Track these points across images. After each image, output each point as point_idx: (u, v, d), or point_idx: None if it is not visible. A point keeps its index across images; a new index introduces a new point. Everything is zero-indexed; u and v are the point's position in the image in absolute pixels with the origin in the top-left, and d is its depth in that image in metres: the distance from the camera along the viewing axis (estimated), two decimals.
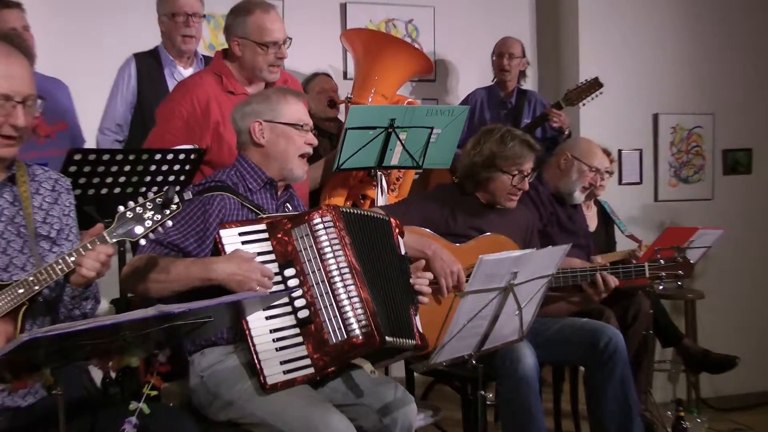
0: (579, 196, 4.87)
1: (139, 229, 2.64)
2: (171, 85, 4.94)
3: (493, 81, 6.28)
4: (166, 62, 5.07)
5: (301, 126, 3.43)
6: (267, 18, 4.03)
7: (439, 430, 4.90)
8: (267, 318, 3.07)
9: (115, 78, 5.11)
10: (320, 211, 3.19)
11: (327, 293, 3.09)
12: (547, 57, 7.06)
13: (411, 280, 3.41)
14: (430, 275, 3.55)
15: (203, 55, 5.20)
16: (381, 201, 4.57)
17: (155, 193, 2.68)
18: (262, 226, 3.19)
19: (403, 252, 3.48)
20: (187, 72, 5.03)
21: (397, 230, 3.49)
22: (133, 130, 5.03)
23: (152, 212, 2.66)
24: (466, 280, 3.17)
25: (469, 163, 4.32)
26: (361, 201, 4.71)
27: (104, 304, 3.54)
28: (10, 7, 4.62)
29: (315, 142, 3.50)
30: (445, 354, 3.16)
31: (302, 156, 3.44)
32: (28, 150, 3.93)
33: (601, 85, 5.73)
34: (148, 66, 5.06)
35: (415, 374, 4.46)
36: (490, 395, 3.63)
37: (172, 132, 3.97)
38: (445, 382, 4.67)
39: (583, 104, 5.84)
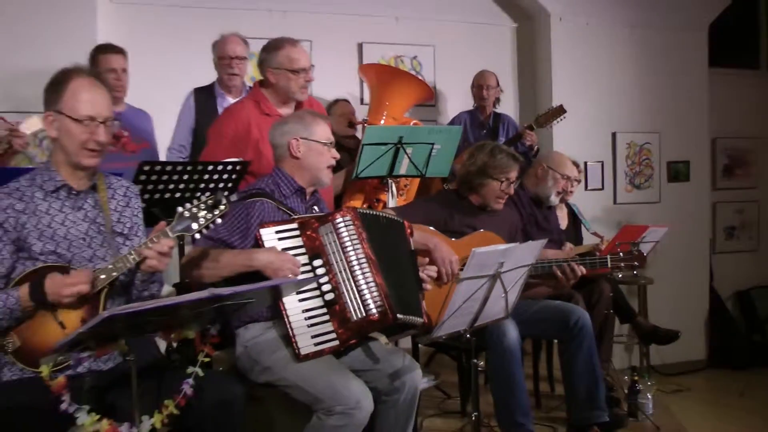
0: (554, 200, 4.87)
1: (194, 226, 2.67)
2: (220, 112, 4.94)
3: (473, 106, 6.27)
4: (218, 94, 5.11)
5: (329, 143, 3.43)
6: (294, 50, 4.01)
7: (440, 392, 4.88)
8: (300, 300, 3.08)
9: (181, 107, 5.14)
10: (341, 212, 3.20)
11: (348, 279, 3.10)
12: (526, 85, 7.09)
13: (420, 274, 3.41)
14: (435, 269, 3.54)
15: (250, 88, 5.16)
16: (391, 203, 4.57)
17: (207, 196, 2.69)
18: (295, 225, 3.19)
19: (412, 248, 3.48)
20: (233, 102, 5.01)
21: (408, 230, 3.49)
22: (192, 148, 5.09)
23: (205, 212, 2.68)
24: (461, 269, 3.16)
25: (465, 172, 4.32)
26: (376, 203, 4.70)
27: (167, 288, 3.54)
28: (116, 52, 4.68)
29: (338, 156, 3.50)
30: (444, 329, 3.15)
31: (329, 167, 3.44)
32: (118, 161, 4.07)
33: (564, 111, 5.72)
34: (204, 98, 5.10)
35: (420, 345, 4.46)
36: (481, 363, 3.61)
37: (221, 149, 3.96)
38: (444, 352, 4.68)
39: (551, 126, 5.84)
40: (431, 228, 4.02)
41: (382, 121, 5.10)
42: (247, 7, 6.13)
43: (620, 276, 4.94)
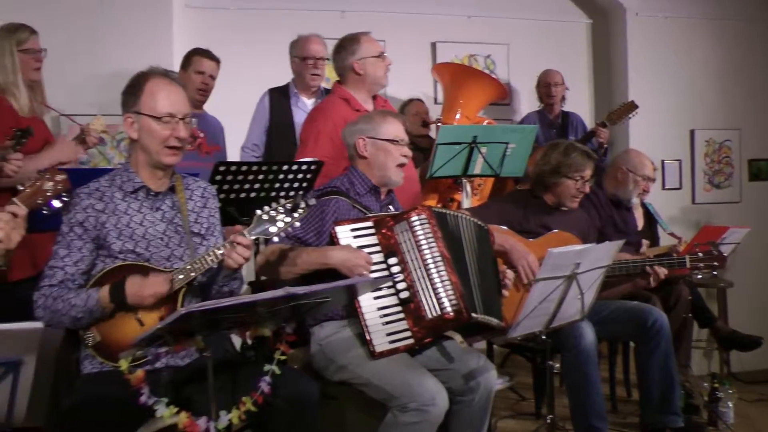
0: (635, 200, 4.80)
1: (272, 229, 2.71)
2: (295, 113, 5.03)
3: (540, 106, 6.21)
4: (292, 95, 5.11)
5: (398, 141, 3.42)
6: (371, 39, 4.17)
7: (514, 393, 4.84)
8: (375, 298, 3.09)
9: (255, 106, 5.19)
10: (416, 211, 3.18)
11: (423, 278, 3.08)
12: (601, 83, 6.97)
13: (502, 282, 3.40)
14: (512, 274, 3.51)
15: (324, 88, 5.22)
16: (466, 203, 4.55)
17: (283, 197, 2.72)
18: (370, 224, 3.20)
19: (492, 249, 3.45)
20: (309, 102, 5.08)
21: (492, 237, 3.47)
22: (265, 148, 5.13)
23: (283, 215, 2.72)
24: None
25: (539, 171, 4.27)
26: (450, 203, 4.70)
27: (243, 286, 3.59)
28: (211, 59, 4.80)
29: (410, 154, 3.48)
30: (519, 330, 3.15)
31: (399, 166, 3.43)
32: (193, 160, 4.19)
33: (636, 107, 5.62)
34: (279, 98, 5.12)
35: (495, 346, 4.43)
36: (557, 365, 3.56)
37: (320, 148, 4.02)
38: (519, 353, 4.63)
39: (624, 123, 5.74)
40: (506, 228, 3.98)
41: (456, 121, 5.08)
42: (319, 8, 6.17)
43: (699, 277, 4.81)
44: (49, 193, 2.51)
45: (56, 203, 2.54)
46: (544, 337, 3.23)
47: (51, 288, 2.69)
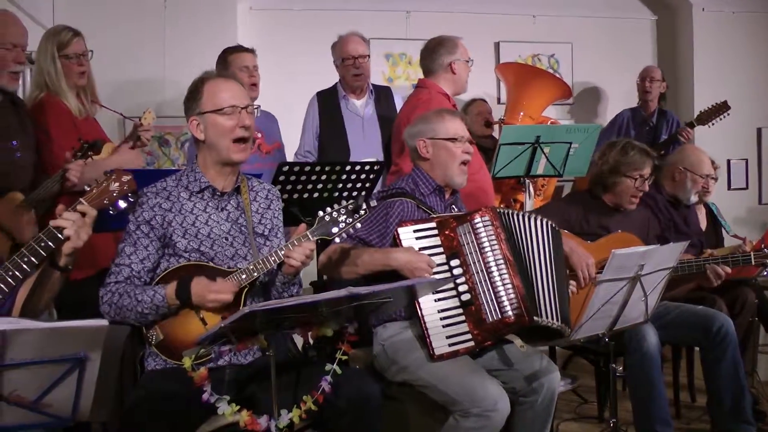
0: (694, 199, 4.66)
1: (334, 230, 2.73)
2: (345, 115, 5.00)
3: (637, 103, 6.09)
4: (341, 97, 5.06)
5: (457, 139, 3.38)
6: (462, 44, 4.26)
7: (577, 396, 4.78)
8: (435, 300, 3.07)
9: (305, 112, 5.16)
10: (480, 212, 3.14)
11: (485, 281, 3.06)
12: (666, 79, 6.77)
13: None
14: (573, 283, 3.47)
15: (373, 85, 5.18)
16: (529, 204, 4.51)
17: (345, 198, 2.72)
18: (433, 224, 3.17)
19: (563, 252, 3.40)
20: (359, 102, 5.05)
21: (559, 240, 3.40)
22: (318, 153, 5.05)
23: (345, 216, 2.74)
24: (598, 272, 3.08)
25: (598, 171, 4.19)
26: (512, 203, 4.66)
27: (305, 285, 3.60)
28: (247, 51, 4.80)
29: (471, 150, 3.42)
30: (582, 332, 3.10)
31: (461, 164, 3.39)
32: (256, 162, 4.31)
33: (728, 108, 5.49)
34: (327, 102, 5.08)
35: (557, 348, 4.37)
36: (620, 368, 3.50)
37: None
38: (582, 356, 4.55)
39: (712, 124, 5.58)
40: (565, 231, 3.91)
41: (519, 120, 5.04)
42: (383, 8, 6.18)
43: (765, 274, 4.68)
44: (115, 194, 2.54)
45: (122, 204, 2.57)
46: (607, 339, 3.18)
47: (117, 284, 2.72)
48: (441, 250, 3.13)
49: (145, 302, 2.66)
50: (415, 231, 3.14)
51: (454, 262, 3.10)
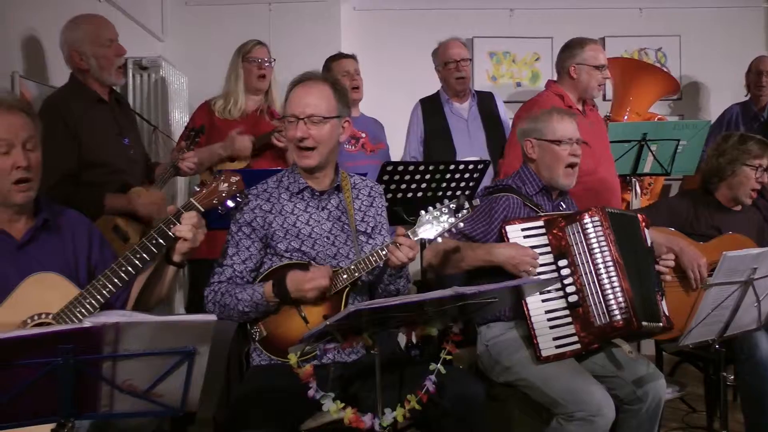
0: None
1: (437, 229, 2.72)
2: (449, 118, 5.01)
3: (746, 96, 5.82)
4: (445, 102, 5.09)
5: (566, 141, 3.31)
6: (597, 48, 4.15)
7: (684, 404, 4.63)
8: (543, 300, 3.04)
9: (409, 119, 5.18)
10: (590, 212, 3.10)
11: (593, 282, 3.02)
12: None
13: (657, 268, 3.27)
14: (672, 257, 3.36)
15: (475, 91, 5.20)
16: (635, 203, 4.42)
17: (448, 197, 2.70)
18: (540, 223, 3.15)
19: (649, 243, 3.31)
20: (462, 106, 5.07)
21: (643, 224, 3.31)
22: (424, 158, 5.05)
23: (447, 216, 2.73)
24: (710, 275, 2.98)
25: (715, 164, 4.01)
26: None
27: (408, 284, 3.61)
28: (347, 57, 4.93)
29: (579, 152, 3.36)
30: (691, 337, 3.02)
31: (568, 166, 3.32)
32: (361, 159, 4.46)
33: None
34: (431, 107, 5.11)
35: (664, 353, 4.24)
36: (731, 377, 3.37)
37: None
38: (690, 362, 4.41)
39: None
40: (672, 230, 3.79)
41: (626, 117, 4.95)
42: (487, 6, 6.14)
43: None
44: (224, 194, 2.60)
45: (230, 203, 2.63)
46: (717, 346, 3.08)
47: (220, 284, 2.79)
48: (549, 249, 3.11)
49: (245, 300, 2.72)
50: (523, 229, 3.13)
51: (562, 263, 3.07)
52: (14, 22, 3.84)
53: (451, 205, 2.72)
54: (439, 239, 2.77)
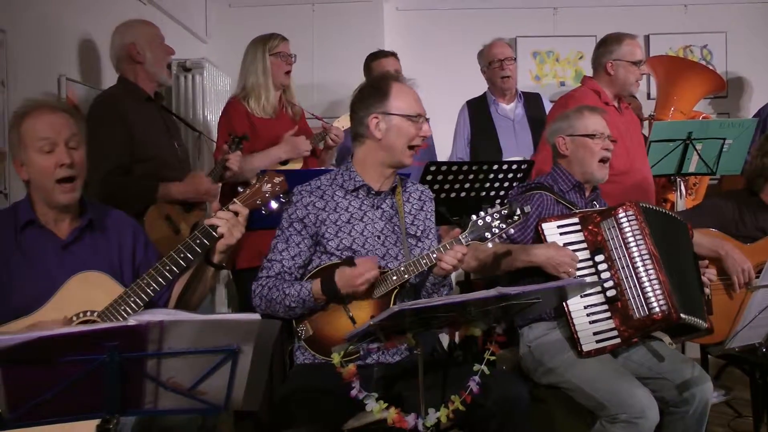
0: None
1: (487, 235, 2.71)
2: (496, 119, 5.02)
3: None
4: (491, 102, 5.10)
5: (596, 135, 3.29)
6: (635, 43, 4.10)
7: (730, 409, 4.55)
8: (581, 296, 3.03)
9: (456, 120, 5.19)
10: (624, 207, 3.08)
11: (631, 276, 3.00)
12: None
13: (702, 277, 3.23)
14: (714, 272, 3.32)
15: (522, 92, 5.18)
16: (680, 204, 4.37)
17: (492, 197, 2.68)
18: (576, 220, 3.14)
19: (693, 249, 3.29)
20: (509, 107, 5.07)
21: (690, 232, 3.30)
22: (471, 159, 5.06)
23: (498, 221, 2.71)
24: (756, 276, 2.92)
25: (759, 164, 3.92)
26: (663, 203, 4.50)
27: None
28: (387, 56, 4.95)
29: (611, 146, 3.33)
30: (737, 341, 3.00)
31: (601, 161, 3.30)
32: None
33: None
34: (478, 109, 5.12)
35: (709, 356, 4.17)
36: None
37: None
38: (737, 366, 4.33)
39: None
40: (715, 231, 3.72)
41: (670, 116, 4.88)
42: (531, 5, 6.12)
43: None
44: (267, 195, 2.62)
45: (274, 204, 2.63)
46: (764, 350, 3.05)
47: (268, 279, 2.80)
48: (585, 245, 3.10)
49: (292, 296, 2.72)
50: (558, 226, 3.12)
51: (599, 258, 3.06)
52: (61, 26, 3.90)
53: (503, 211, 2.71)
54: (490, 245, 2.76)
